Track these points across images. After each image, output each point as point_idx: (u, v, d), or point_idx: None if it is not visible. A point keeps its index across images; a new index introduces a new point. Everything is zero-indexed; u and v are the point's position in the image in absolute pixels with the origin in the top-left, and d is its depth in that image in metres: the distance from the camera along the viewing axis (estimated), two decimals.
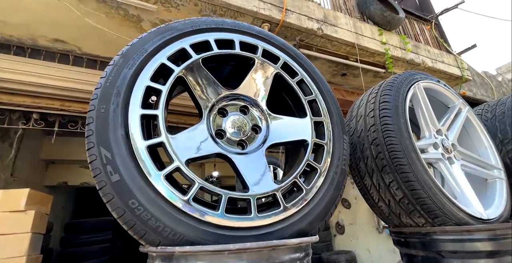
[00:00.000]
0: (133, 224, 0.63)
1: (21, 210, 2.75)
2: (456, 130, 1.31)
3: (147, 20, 3.02)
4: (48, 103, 3.03)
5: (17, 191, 2.86)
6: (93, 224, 4.88)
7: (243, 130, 0.91)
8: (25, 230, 2.70)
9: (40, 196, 3.11)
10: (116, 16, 2.90)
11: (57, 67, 3.17)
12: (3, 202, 2.72)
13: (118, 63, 0.77)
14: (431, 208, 0.99)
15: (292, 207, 0.77)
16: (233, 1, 2.97)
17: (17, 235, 2.65)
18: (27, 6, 2.59)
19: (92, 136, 0.68)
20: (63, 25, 2.97)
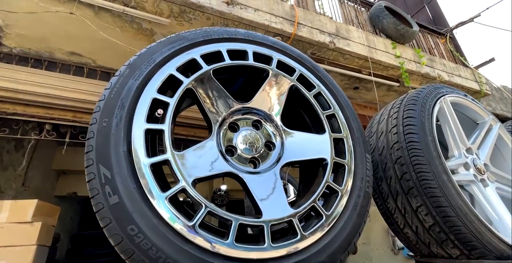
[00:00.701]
0: (131, 254, 0.55)
1: (28, 222, 2.71)
2: (488, 149, 1.20)
3: (159, 33, 3.07)
4: (61, 114, 3.06)
5: (25, 202, 2.84)
6: (99, 236, 4.80)
7: (255, 146, 0.84)
8: (30, 242, 2.65)
9: (48, 207, 3.08)
10: (130, 29, 2.96)
11: (72, 79, 3.24)
12: (11, 212, 2.69)
13: (124, 73, 0.72)
14: (468, 238, 0.87)
15: (311, 236, 0.68)
16: (245, 15, 2.99)
17: (22, 247, 2.60)
18: (46, 20, 2.68)
19: (91, 152, 0.62)
20: (79, 39, 3.05)
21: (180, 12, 2.75)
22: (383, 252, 5.46)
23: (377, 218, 6.05)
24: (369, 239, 5.81)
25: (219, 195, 5.92)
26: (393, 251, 5.30)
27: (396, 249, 5.28)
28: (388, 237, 5.32)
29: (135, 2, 2.61)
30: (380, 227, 5.48)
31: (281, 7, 3.26)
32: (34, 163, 4.81)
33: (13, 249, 2.60)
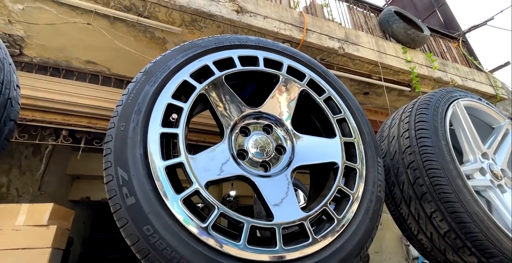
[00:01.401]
0: (147, 253, 0.57)
1: (44, 225, 2.78)
2: (505, 154, 1.17)
3: (171, 41, 3.15)
4: (77, 120, 3.17)
5: (41, 206, 2.92)
6: (111, 241, 4.86)
7: (266, 150, 0.85)
8: (46, 245, 2.71)
9: (63, 211, 3.16)
10: (144, 38, 3.06)
11: (87, 87, 3.35)
12: (28, 216, 2.78)
13: (141, 80, 0.75)
14: (485, 245, 0.85)
15: (322, 240, 0.68)
16: (254, 22, 3.04)
17: (38, 250, 2.67)
18: (64, 31, 2.80)
19: (110, 155, 0.64)
20: (94, 48, 3.17)
21: (192, 21, 2.83)
22: (396, 262, 5.29)
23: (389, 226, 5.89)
24: (381, 247, 5.65)
25: (228, 201, 5.91)
26: (407, 261, 5.12)
27: (410, 259, 5.10)
28: (402, 246, 5.16)
29: (149, 12, 2.71)
30: (394, 235, 5.33)
31: (290, 14, 3.30)
32: (50, 168, 4.96)
33: (29, 252, 2.67)
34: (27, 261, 2.62)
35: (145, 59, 3.15)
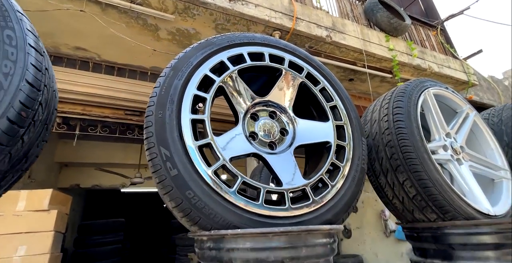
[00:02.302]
0: (189, 211, 0.75)
1: (45, 210, 2.89)
2: (464, 133, 1.41)
3: (164, 29, 3.18)
4: (71, 108, 3.19)
5: (40, 191, 3.01)
6: (106, 225, 5.00)
7: (272, 133, 1.02)
8: (48, 228, 2.84)
9: (61, 196, 3.25)
10: (136, 25, 3.07)
11: (78, 73, 3.35)
12: (28, 201, 2.86)
13: (169, 75, 0.90)
14: (442, 204, 1.09)
15: (320, 200, 0.88)
16: (246, 10, 3.11)
17: (41, 233, 2.79)
18: (55, 17, 2.77)
19: (152, 137, 0.80)
20: (85, 34, 3.15)
21: (185, 9, 2.86)
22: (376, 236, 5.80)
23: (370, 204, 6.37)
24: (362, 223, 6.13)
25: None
26: (385, 234, 5.63)
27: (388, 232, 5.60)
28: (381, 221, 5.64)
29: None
30: (373, 212, 5.80)
31: (280, 3, 3.39)
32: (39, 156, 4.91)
33: (32, 235, 2.79)
34: (32, 244, 2.74)
35: (136, 46, 3.17)
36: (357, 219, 5.94)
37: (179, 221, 0.86)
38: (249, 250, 0.69)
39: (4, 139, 0.66)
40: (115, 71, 3.60)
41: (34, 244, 2.71)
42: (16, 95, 0.68)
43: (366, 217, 5.80)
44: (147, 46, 3.13)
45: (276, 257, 0.68)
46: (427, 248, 1.20)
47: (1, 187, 0.75)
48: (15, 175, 0.79)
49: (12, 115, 0.67)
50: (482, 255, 1.05)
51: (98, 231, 4.85)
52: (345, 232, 6.05)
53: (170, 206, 0.80)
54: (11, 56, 0.71)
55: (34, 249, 2.68)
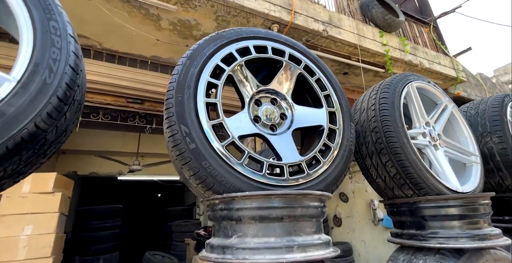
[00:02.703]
0: (205, 178, 0.90)
1: (50, 192, 3.01)
2: (442, 123, 1.59)
3: (165, 19, 3.26)
4: None
5: (44, 175, 3.12)
6: (104, 210, 5.14)
7: (273, 117, 1.18)
8: (53, 210, 2.97)
9: (64, 180, 3.37)
10: (138, 14, 3.13)
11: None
12: (33, 184, 2.98)
13: (186, 63, 1.03)
14: (417, 182, 1.27)
15: (313, 173, 1.04)
16: (246, 3, 3.20)
17: (46, 215, 2.93)
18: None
19: (173, 117, 0.94)
20: (87, 22, 3.20)
21: (187, 0, 2.94)
22: (364, 224, 6.08)
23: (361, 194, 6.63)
24: (352, 212, 6.40)
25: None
26: (374, 223, 5.92)
27: (376, 220, 5.89)
28: (370, 210, 5.92)
29: None
30: (363, 202, 6.06)
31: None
32: None
33: (38, 216, 2.92)
34: (38, 224, 2.88)
35: (138, 35, 3.25)
36: (347, 208, 6.19)
37: (194, 190, 1.01)
38: (255, 209, 0.85)
39: (54, 114, 0.79)
40: (116, 59, 3.67)
41: (40, 224, 2.84)
42: (63, 77, 0.81)
43: (356, 206, 6.06)
44: (149, 35, 3.22)
45: (277, 214, 0.84)
46: (404, 221, 1.39)
47: (46, 155, 0.89)
48: (56, 146, 0.92)
49: (61, 94, 0.80)
50: (449, 225, 1.24)
51: (97, 216, 4.99)
52: (335, 220, 6.31)
53: (187, 175, 0.95)
54: (57, 44, 0.83)
55: (40, 228, 2.82)
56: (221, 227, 0.91)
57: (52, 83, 0.78)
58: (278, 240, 0.81)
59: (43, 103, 0.76)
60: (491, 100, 1.98)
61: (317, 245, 0.85)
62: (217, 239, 0.90)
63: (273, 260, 0.76)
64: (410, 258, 1.26)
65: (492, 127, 1.82)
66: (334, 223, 6.33)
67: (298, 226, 0.86)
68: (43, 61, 0.79)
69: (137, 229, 7.90)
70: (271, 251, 0.79)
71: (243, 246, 0.81)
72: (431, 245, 1.20)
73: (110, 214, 5.20)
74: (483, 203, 1.27)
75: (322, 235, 0.92)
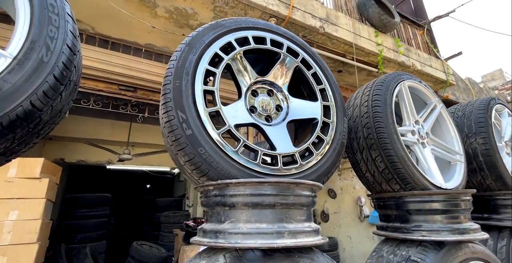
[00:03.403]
0: (200, 165, 0.91)
1: (37, 177, 2.96)
2: (430, 122, 1.64)
3: (162, 6, 3.20)
4: None
5: (32, 160, 3.06)
6: (92, 199, 5.08)
7: (269, 108, 1.19)
8: (40, 195, 2.92)
9: (52, 166, 3.31)
10: (134, 0, 3.06)
11: None
12: (20, 169, 2.91)
13: (185, 50, 1.03)
14: (405, 177, 1.31)
15: (306, 164, 1.07)
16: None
17: (33, 200, 2.87)
18: None
19: (170, 102, 0.94)
20: (79, 4, 3.10)
21: None
22: (351, 220, 6.23)
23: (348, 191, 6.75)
24: (340, 209, 6.54)
25: None
26: (360, 219, 6.07)
27: (362, 217, 6.05)
28: (357, 207, 6.06)
29: None
30: (350, 198, 6.20)
31: None
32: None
33: (24, 201, 2.87)
34: (23, 210, 2.83)
35: (133, 21, 3.18)
36: (335, 204, 6.31)
37: (188, 176, 1.02)
38: (248, 195, 0.87)
39: (50, 93, 0.78)
40: (108, 45, 3.59)
41: (25, 209, 2.79)
42: (60, 57, 0.80)
43: (343, 203, 6.19)
44: (145, 22, 3.15)
45: (269, 201, 0.87)
46: (390, 214, 1.44)
47: (40, 135, 0.88)
48: (50, 127, 0.91)
49: (57, 74, 0.79)
50: (432, 219, 1.30)
51: (85, 204, 4.93)
52: (323, 216, 6.43)
53: (182, 161, 0.96)
54: (55, 22, 0.82)
55: (25, 214, 2.77)
56: (214, 213, 0.92)
57: (49, 62, 0.77)
58: (270, 226, 0.84)
59: (39, 81, 0.76)
60: (477, 103, 2.05)
61: (307, 232, 0.88)
62: (210, 224, 0.92)
63: (264, 244, 0.79)
64: (393, 249, 1.32)
65: (477, 129, 1.89)
66: (322, 219, 6.45)
67: (289, 213, 0.89)
68: (40, 39, 0.78)
69: (125, 218, 7.85)
70: (263, 236, 0.81)
71: (236, 231, 0.83)
72: (414, 237, 1.26)
73: (98, 202, 5.15)
74: (464, 199, 1.33)
75: (312, 223, 0.95)
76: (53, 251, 3.76)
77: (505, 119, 2.13)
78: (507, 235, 1.77)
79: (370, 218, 5.68)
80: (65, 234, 4.48)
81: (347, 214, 6.04)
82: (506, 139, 2.11)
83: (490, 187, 1.88)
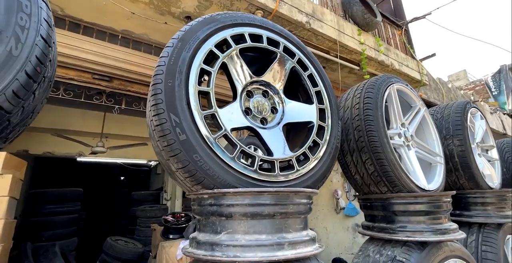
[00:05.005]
0: (195, 172, 0.85)
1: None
2: (415, 125, 1.69)
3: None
4: None
5: None
6: (61, 193, 4.76)
7: (263, 110, 1.14)
8: (2, 193, 2.65)
9: (15, 160, 3.02)
10: None
11: None
12: None
13: (177, 46, 0.94)
14: (393, 180, 1.34)
15: (302, 170, 1.04)
16: None
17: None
18: None
19: (162, 104, 0.86)
20: None
21: None
22: (327, 212, 6.44)
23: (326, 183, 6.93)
24: (317, 201, 6.74)
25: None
26: (336, 211, 6.29)
27: (338, 209, 6.28)
28: (333, 200, 6.27)
29: None
30: (328, 191, 6.39)
31: None
32: None
33: None
34: None
35: (109, 4, 2.93)
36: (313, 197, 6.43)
37: (179, 182, 0.95)
38: (247, 205, 0.83)
39: (21, 93, 0.68)
40: (80, 29, 3.29)
41: None
42: (33, 50, 0.69)
43: (321, 195, 6.38)
44: (122, 7, 2.92)
45: (269, 211, 0.83)
46: (376, 215, 1.47)
47: (7, 140, 0.77)
48: (21, 129, 0.80)
49: (30, 70, 0.68)
50: (416, 219, 1.35)
51: (52, 199, 4.61)
52: None
53: (174, 168, 0.89)
54: (26, 9, 0.70)
55: None
56: (209, 222, 0.87)
57: (19, 55, 0.66)
58: (269, 237, 0.80)
59: (8, 79, 0.65)
60: (455, 106, 2.15)
61: (306, 242, 0.86)
62: (204, 235, 0.87)
63: (265, 258, 0.75)
64: (379, 249, 1.36)
65: (455, 131, 1.99)
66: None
67: (288, 222, 0.86)
68: (8, 29, 0.66)
69: (99, 213, 7.50)
70: (262, 248, 0.78)
71: (234, 243, 0.79)
72: (399, 238, 1.30)
73: (68, 197, 4.83)
74: (446, 201, 1.39)
75: (309, 231, 0.94)
76: (18, 250, 3.50)
77: (478, 122, 2.26)
78: (476, 230, 1.91)
79: (346, 210, 5.94)
80: (31, 232, 4.17)
81: (324, 206, 6.24)
82: (478, 140, 2.24)
83: (463, 186, 2.00)
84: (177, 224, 3.55)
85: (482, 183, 1.94)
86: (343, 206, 5.73)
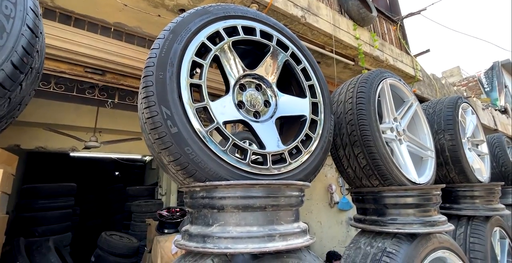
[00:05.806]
0: (187, 165, 0.85)
1: None
2: (407, 119, 1.70)
3: None
4: None
5: None
6: (54, 189, 4.73)
7: (256, 103, 1.14)
8: None
9: (6, 155, 2.99)
10: None
11: None
12: None
13: (169, 38, 0.93)
14: (384, 173, 1.36)
15: (294, 163, 1.05)
16: None
17: None
18: None
19: (153, 96, 0.85)
20: None
21: None
22: (322, 206, 6.52)
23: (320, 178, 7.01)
24: (312, 195, 6.80)
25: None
26: (330, 205, 6.37)
27: (332, 203, 6.35)
28: (327, 194, 6.34)
29: None
30: (322, 186, 6.45)
31: None
32: None
33: None
34: None
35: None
36: (307, 191, 6.49)
37: (171, 175, 0.95)
38: (239, 198, 0.83)
39: (7, 83, 0.66)
40: (71, 21, 3.22)
41: None
42: (19, 40, 0.68)
43: (315, 190, 6.44)
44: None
45: (260, 204, 0.84)
46: (368, 208, 1.50)
47: None
48: (8, 121, 0.79)
49: (16, 60, 0.67)
50: (406, 212, 1.37)
51: (46, 195, 4.57)
52: None
53: (166, 160, 0.89)
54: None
55: None
56: (201, 215, 0.88)
57: (4, 45, 0.65)
58: (261, 229, 0.81)
59: None
60: (447, 101, 2.18)
61: (297, 233, 0.87)
62: (196, 227, 0.87)
63: (255, 249, 0.76)
64: (370, 241, 1.38)
65: (446, 126, 2.01)
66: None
67: (279, 215, 0.87)
68: None
69: (93, 208, 7.47)
70: (253, 240, 0.79)
71: (225, 235, 0.79)
72: (390, 230, 1.32)
73: (61, 192, 4.80)
74: (435, 194, 1.42)
75: (300, 223, 0.95)
76: (10, 246, 3.47)
77: (469, 117, 2.30)
78: (465, 223, 1.95)
79: (340, 204, 6.02)
80: (24, 227, 4.14)
81: (318, 200, 6.31)
82: (469, 135, 2.28)
83: (453, 180, 2.03)
84: (172, 219, 3.56)
85: (472, 176, 1.98)
86: (337, 201, 5.80)
